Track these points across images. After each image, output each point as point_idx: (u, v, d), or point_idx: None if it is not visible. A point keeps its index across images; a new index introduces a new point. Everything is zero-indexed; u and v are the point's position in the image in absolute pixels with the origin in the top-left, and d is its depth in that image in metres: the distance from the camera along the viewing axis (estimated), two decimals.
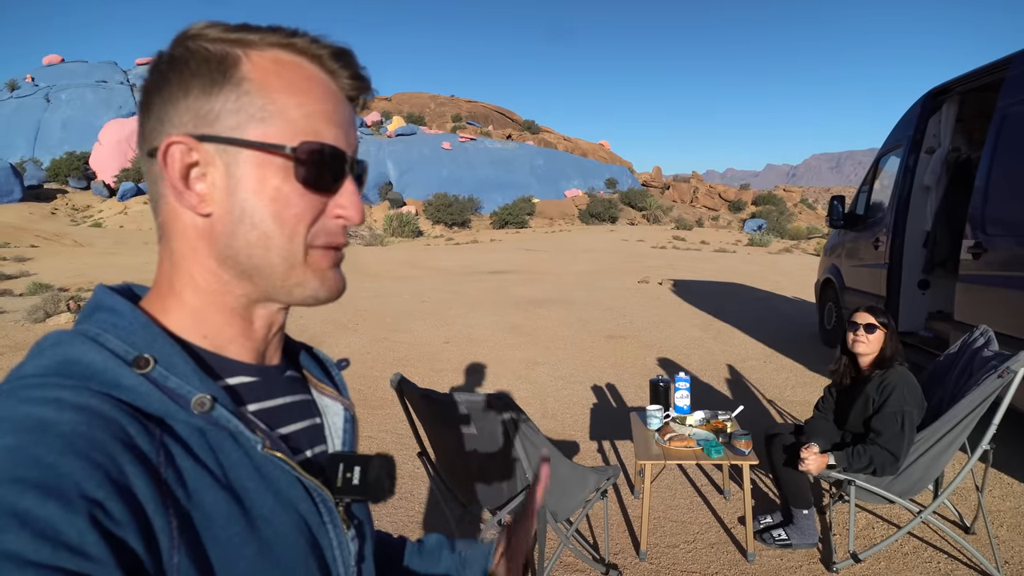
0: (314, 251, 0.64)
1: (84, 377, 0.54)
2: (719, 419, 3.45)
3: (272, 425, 0.67)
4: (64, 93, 52.88)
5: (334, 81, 0.66)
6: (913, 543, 3.26)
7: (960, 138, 6.14)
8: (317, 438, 0.74)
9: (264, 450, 0.61)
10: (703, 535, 3.39)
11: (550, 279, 14.22)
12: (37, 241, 23.75)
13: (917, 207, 6.07)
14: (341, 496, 0.69)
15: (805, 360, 7.03)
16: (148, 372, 0.57)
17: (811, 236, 35.99)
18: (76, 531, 0.44)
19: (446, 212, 40.85)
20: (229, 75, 0.61)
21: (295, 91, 0.62)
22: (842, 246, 7.53)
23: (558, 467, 2.69)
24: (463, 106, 78.89)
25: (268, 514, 0.60)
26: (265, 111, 0.61)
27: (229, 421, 0.59)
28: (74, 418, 0.50)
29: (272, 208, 0.62)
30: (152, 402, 0.56)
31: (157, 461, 0.53)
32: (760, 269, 17.26)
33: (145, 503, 0.50)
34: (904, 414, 2.89)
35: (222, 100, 0.61)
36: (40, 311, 8.40)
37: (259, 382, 0.68)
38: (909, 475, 2.95)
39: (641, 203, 49.46)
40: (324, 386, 0.79)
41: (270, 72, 0.62)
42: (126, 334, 0.59)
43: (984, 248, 4.46)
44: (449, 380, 6.25)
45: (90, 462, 0.48)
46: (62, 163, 43.09)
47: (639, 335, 8.30)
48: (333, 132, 0.64)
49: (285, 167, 0.61)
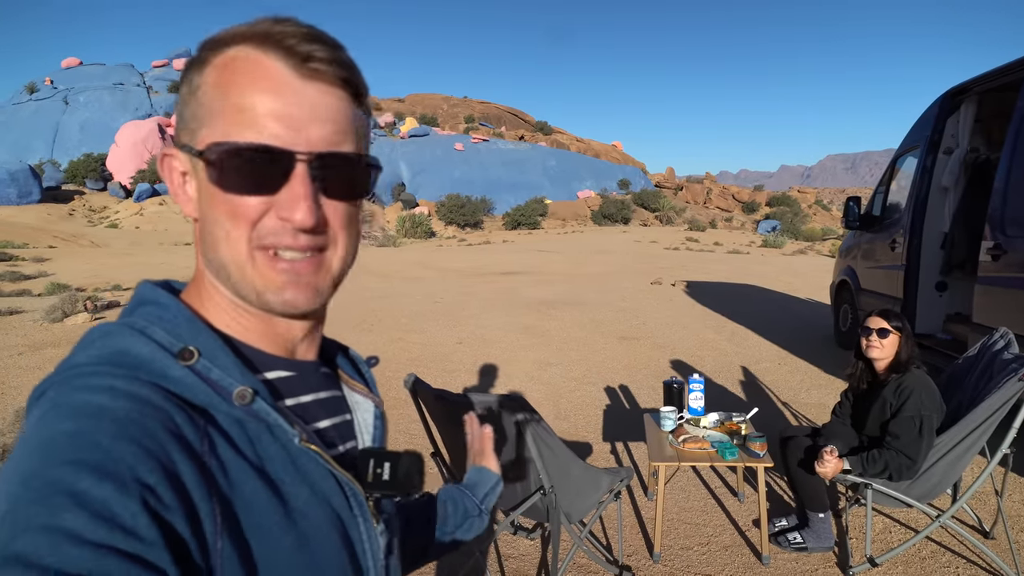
0: (259, 252, 0.62)
1: (134, 367, 0.56)
2: (733, 421, 3.43)
3: (306, 420, 0.68)
4: (82, 96, 53.49)
5: (300, 67, 0.60)
6: (931, 547, 3.22)
7: (978, 138, 6.06)
8: (348, 434, 0.75)
9: (301, 443, 0.62)
10: (717, 537, 3.37)
11: (563, 280, 14.20)
12: (55, 242, 24.03)
13: (935, 208, 6.00)
14: (371, 491, 0.70)
15: (820, 362, 6.98)
16: (193, 364, 0.58)
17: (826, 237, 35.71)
18: (130, 513, 0.46)
19: (459, 213, 40.89)
20: (193, 81, 0.62)
21: (229, 88, 0.60)
22: (858, 247, 7.47)
23: (572, 468, 2.68)
24: (476, 107, 79.00)
25: (304, 507, 0.61)
26: (207, 114, 0.61)
27: (268, 414, 0.60)
28: (127, 405, 0.52)
29: (215, 211, 0.62)
30: (197, 393, 0.57)
31: (202, 450, 0.54)
32: (774, 270, 17.15)
33: (191, 490, 0.52)
34: (922, 418, 2.86)
35: (188, 108, 0.63)
36: (58, 311, 8.49)
37: (295, 377, 0.69)
38: (928, 479, 2.92)
39: (654, 204, 49.28)
40: (355, 383, 0.80)
41: (219, 73, 0.61)
42: (171, 327, 0.61)
43: (1003, 249, 4.40)
44: (462, 380, 6.26)
45: (142, 448, 0.50)
46: (79, 165, 43.57)
47: (652, 336, 8.26)
48: (270, 128, 0.59)
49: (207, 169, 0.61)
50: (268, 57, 0.60)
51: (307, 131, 0.60)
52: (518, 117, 79.12)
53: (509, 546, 3.28)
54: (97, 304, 9.36)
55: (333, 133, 0.62)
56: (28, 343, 7.21)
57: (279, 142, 0.59)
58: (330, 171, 0.63)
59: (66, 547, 0.43)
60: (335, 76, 0.62)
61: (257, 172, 0.60)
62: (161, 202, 39.02)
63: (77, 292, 10.55)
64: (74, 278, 12.95)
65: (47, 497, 0.45)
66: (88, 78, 57.88)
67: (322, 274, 0.65)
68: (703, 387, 3.60)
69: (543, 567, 3.10)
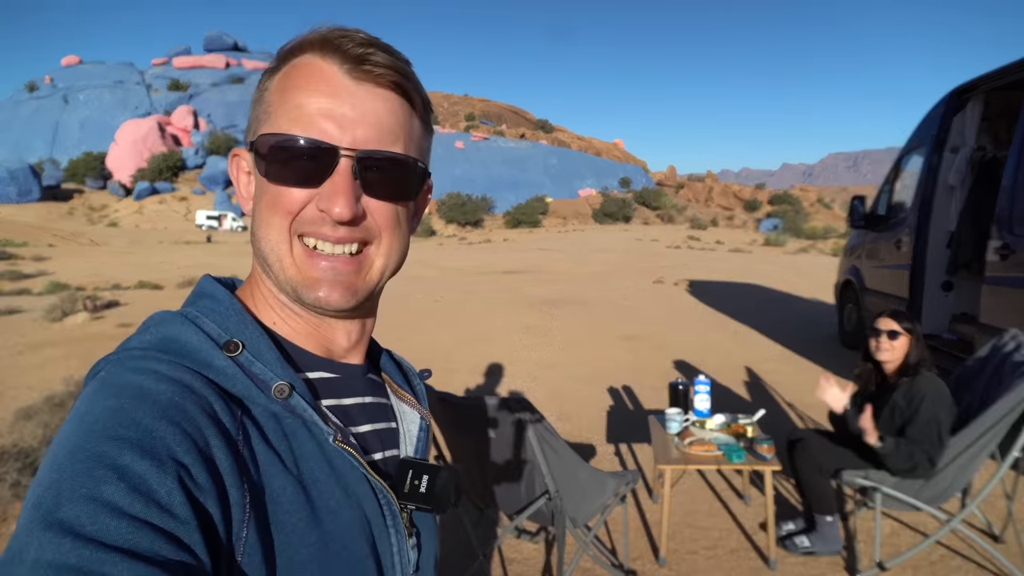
0: (297, 243, 0.65)
1: (180, 354, 0.59)
2: (740, 423, 3.38)
3: (346, 422, 0.69)
4: (82, 94, 53.52)
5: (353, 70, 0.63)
6: (940, 551, 3.17)
7: (985, 137, 6.01)
8: (391, 442, 0.75)
9: (335, 443, 0.63)
10: (723, 541, 3.33)
11: (564, 279, 14.16)
12: (54, 240, 24.02)
13: (941, 207, 5.95)
14: (406, 502, 0.70)
15: (825, 362, 6.93)
16: (236, 356, 0.61)
17: (828, 236, 35.66)
18: (166, 490, 0.48)
19: (459, 211, 40.88)
20: (263, 87, 0.67)
21: (288, 90, 0.64)
22: (863, 247, 7.42)
23: (578, 472, 2.64)
24: (476, 105, 78.96)
25: (335, 507, 0.61)
26: (266, 114, 0.65)
27: (305, 410, 0.62)
28: (169, 389, 0.54)
29: (261, 201, 0.66)
30: (236, 384, 0.59)
31: (237, 439, 0.56)
32: (776, 269, 17.11)
33: (225, 475, 0.53)
34: (939, 421, 2.81)
35: (254, 111, 0.68)
36: (57, 310, 8.46)
37: (338, 379, 0.71)
38: (938, 482, 2.87)
39: (655, 202, 49.27)
40: (404, 392, 0.81)
41: (283, 78, 0.65)
42: (221, 319, 0.64)
43: (1012, 249, 4.35)
44: (464, 381, 6.22)
45: (181, 430, 0.52)
46: (79, 163, 43.62)
47: (655, 336, 8.22)
48: (319, 125, 0.62)
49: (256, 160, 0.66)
50: (325, 61, 0.63)
51: (354, 130, 0.63)
52: (519, 115, 79.05)
53: (513, 550, 3.24)
54: (97, 303, 9.33)
55: (380, 134, 0.64)
56: (27, 342, 7.17)
57: (326, 138, 0.62)
58: (375, 170, 0.64)
59: (105, 518, 0.45)
60: (388, 80, 0.64)
61: (302, 165, 0.62)
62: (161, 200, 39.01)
63: (77, 291, 10.53)
64: (74, 277, 12.92)
65: (91, 469, 0.47)
66: (88, 76, 57.88)
67: (363, 274, 0.67)
68: (709, 388, 3.55)
69: (547, 571, 3.06)
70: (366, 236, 0.66)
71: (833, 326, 8.48)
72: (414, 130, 0.68)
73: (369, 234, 0.66)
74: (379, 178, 0.65)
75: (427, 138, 0.72)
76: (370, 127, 0.63)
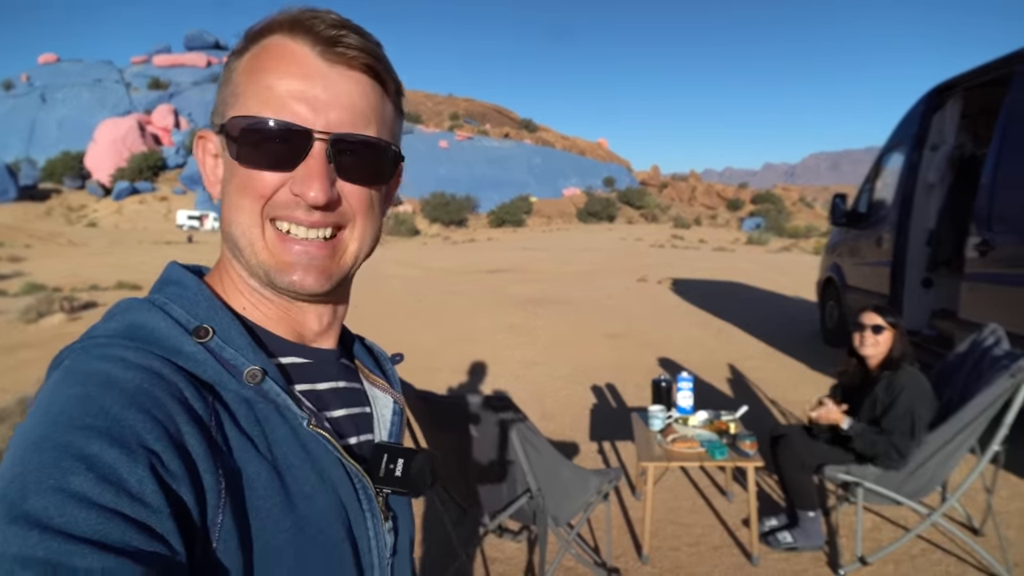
0: (270, 227, 0.63)
1: (148, 341, 0.57)
2: (722, 419, 3.38)
3: (319, 407, 0.68)
4: (60, 92, 52.75)
5: (325, 52, 0.62)
6: (921, 545, 3.19)
7: (964, 135, 6.07)
8: (365, 426, 0.74)
9: (309, 427, 0.62)
10: (706, 538, 3.32)
11: (548, 278, 14.15)
12: (31, 241, 23.63)
13: (921, 204, 5.99)
14: (381, 486, 0.69)
15: (807, 359, 6.97)
16: (207, 342, 0.59)
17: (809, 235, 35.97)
18: (137, 479, 0.47)
19: (443, 211, 40.76)
20: (230, 69, 0.65)
21: (258, 71, 0.62)
22: (844, 244, 7.47)
23: (560, 470, 2.61)
24: (460, 104, 78.83)
25: (310, 491, 0.60)
26: (234, 96, 0.64)
27: (278, 395, 0.60)
28: (138, 376, 0.53)
29: (231, 185, 0.64)
30: (207, 370, 0.58)
31: (210, 424, 0.55)
32: (759, 268, 17.22)
33: (198, 461, 0.52)
34: (915, 415, 2.82)
35: (222, 94, 0.65)
36: (33, 311, 8.32)
37: (311, 364, 0.69)
38: (919, 476, 2.88)
39: (639, 202, 49.43)
40: (375, 377, 0.80)
41: (252, 59, 0.63)
42: (190, 305, 0.62)
43: (991, 246, 4.39)
44: (447, 380, 6.18)
45: (151, 417, 0.50)
46: (57, 162, 42.97)
47: (638, 334, 8.23)
48: (292, 108, 0.61)
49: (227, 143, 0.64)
50: (296, 42, 0.62)
51: (327, 112, 0.61)
52: (503, 114, 79.02)
53: (495, 549, 3.21)
54: (74, 304, 9.17)
55: (354, 117, 0.63)
56: (2, 344, 7.04)
57: (299, 120, 0.60)
58: (348, 154, 0.63)
59: (73, 509, 0.44)
60: (360, 63, 0.63)
61: (275, 148, 0.61)
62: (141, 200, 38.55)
63: (53, 292, 10.35)
64: (51, 278, 12.71)
65: (58, 460, 0.46)
66: (66, 75, 57.08)
67: (337, 259, 0.66)
68: (692, 385, 3.55)
69: (530, 570, 3.03)
70: (340, 220, 0.65)
71: (815, 323, 8.53)
72: (387, 113, 0.67)
73: (343, 218, 0.65)
74: (353, 162, 0.64)
75: (399, 121, 0.71)
76: (343, 110, 0.62)
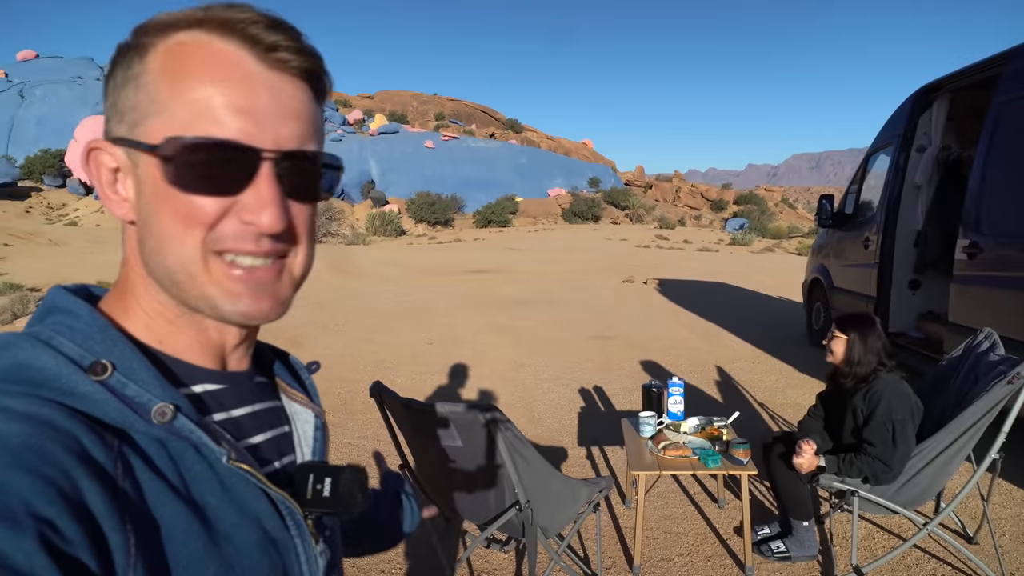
0: (215, 259, 0.56)
1: (35, 384, 0.50)
2: (714, 426, 3.31)
3: (239, 436, 0.63)
4: (39, 89, 51.87)
5: (264, 57, 0.56)
6: (915, 554, 3.13)
7: (951, 136, 6.06)
8: (286, 447, 0.70)
9: (230, 463, 0.56)
10: (698, 547, 3.25)
11: (534, 279, 14.07)
12: (10, 240, 23.17)
13: (908, 206, 5.98)
14: (311, 509, 0.65)
15: (794, 361, 6.94)
16: (105, 379, 0.53)
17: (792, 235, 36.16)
18: (23, 554, 0.41)
19: (429, 211, 40.58)
20: (131, 69, 0.56)
21: (183, 77, 0.54)
22: (830, 246, 7.45)
23: (550, 481, 2.53)
24: (446, 104, 78.63)
25: (230, 530, 0.56)
26: (155, 104, 0.55)
27: (192, 432, 0.55)
28: (23, 430, 0.46)
29: (164, 211, 0.56)
30: (109, 411, 0.51)
31: (115, 473, 0.49)
32: (744, 268, 17.25)
33: (101, 519, 0.46)
34: (894, 423, 2.75)
35: (124, 97, 0.57)
36: (8, 312, 8.11)
37: (225, 390, 0.64)
38: (915, 485, 2.82)
39: (624, 202, 49.48)
40: (294, 392, 0.75)
41: (168, 59, 0.55)
42: (82, 338, 0.55)
43: (980, 248, 4.36)
44: (432, 382, 6.08)
45: (40, 477, 0.44)
46: (37, 161, 42.23)
47: (625, 335, 8.17)
48: (234, 123, 0.54)
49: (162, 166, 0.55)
50: (228, 44, 0.55)
51: (276, 128, 0.56)
52: (489, 115, 78.92)
53: (482, 560, 3.12)
54: None
55: (300, 130, 0.58)
56: None
57: (244, 138, 0.54)
58: (295, 172, 0.58)
59: None
60: (300, 68, 0.58)
61: (219, 171, 0.54)
62: None
63: (30, 292, 10.12)
64: (29, 278, 12.42)
65: None
66: (45, 71, 56.19)
67: (284, 281, 0.61)
68: (683, 391, 3.47)
69: None
70: (288, 244, 0.60)
71: (801, 324, 8.51)
72: (321, 119, 0.63)
73: (290, 240, 0.60)
74: (300, 180, 0.59)
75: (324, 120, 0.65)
76: (288, 123, 0.57)
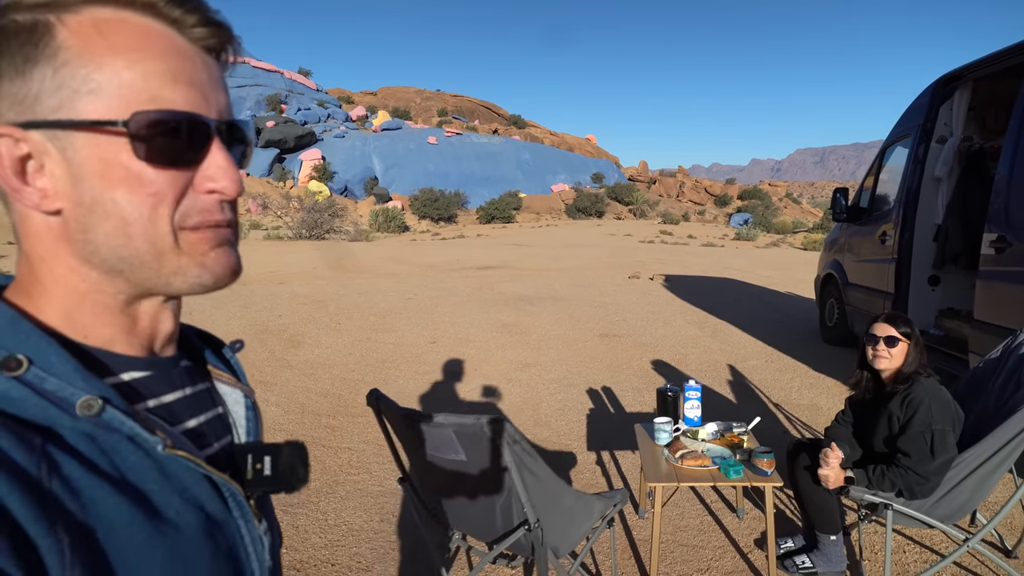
0: (187, 233, 0.55)
1: None
2: (734, 432, 3.12)
3: (173, 421, 0.61)
4: None
5: (180, 33, 0.55)
6: (951, 569, 2.94)
7: (973, 127, 5.84)
8: (222, 430, 0.69)
9: (166, 450, 0.55)
10: (718, 562, 3.06)
11: (538, 275, 13.87)
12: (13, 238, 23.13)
13: (927, 199, 5.76)
14: (253, 489, 0.65)
15: (807, 359, 6.75)
16: (20, 374, 0.50)
17: (797, 230, 35.94)
18: None
19: (432, 207, 40.44)
20: (41, 47, 0.52)
21: (123, 51, 0.52)
22: (845, 240, 7.25)
23: (562, 498, 2.34)
24: (449, 100, 78.41)
25: (175, 516, 0.54)
26: (91, 81, 0.52)
27: (123, 424, 0.52)
28: None
29: (124, 190, 0.53)
30: (28, 408, 0.49)
31: (39, 476, 0.46)
32: (749, 263, 17.04)
33: (26, 525, 0.43)
34: (933, 433, 2.56)
35: (38, 78, 0.52)
36: None
37: (153, 376, 0.61)
38: (954, 498, 2.63)
39: (628, 198, 49.28)
40: (221, 373, 0.73)
41: (90, 35, 0.52)
42: None
43: (1009, 242, 4.15)
44: (435, 383, 5.89)
45: None
46: None
47: (633, 333, 7.98)
48: (183, 94, 0.54)
49: (125, 144, 0.52)
50: (151, 22, 0.54)
51: (215, 98, 0.57)
52: (492, 111, 78.68)
53: (489, 575, 2.94)
54: None
55: (227, 101, 0.60)
56: None
57: (198, 109, 0.55)
58: (236, 141, 0.60)
59: None
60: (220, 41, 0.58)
61: (183, 143, 0.54)
62: None
63: None
64: None
65: None
66: None
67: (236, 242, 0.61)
68: (700, 395, 3.28)
69: None
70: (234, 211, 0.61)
71: (812, 321, 8.31)
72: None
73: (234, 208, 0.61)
74: (238, 148, 0.60)
75: None
76: (221, 95, 0.58)
